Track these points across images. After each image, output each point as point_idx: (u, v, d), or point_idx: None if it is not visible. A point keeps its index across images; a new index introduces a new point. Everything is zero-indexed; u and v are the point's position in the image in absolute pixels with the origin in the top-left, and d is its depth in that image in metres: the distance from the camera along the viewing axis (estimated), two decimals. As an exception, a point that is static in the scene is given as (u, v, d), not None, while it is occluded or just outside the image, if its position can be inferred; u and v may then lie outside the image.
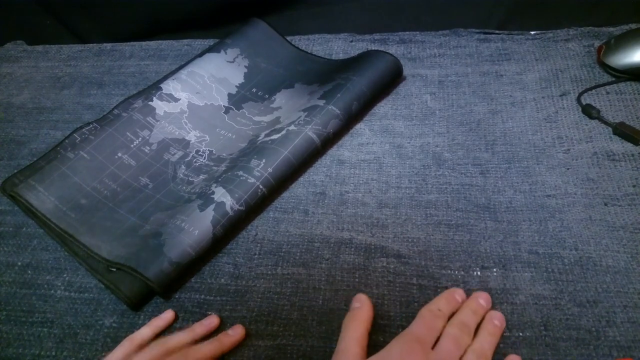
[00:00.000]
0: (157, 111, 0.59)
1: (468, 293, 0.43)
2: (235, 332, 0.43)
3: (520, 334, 0.41)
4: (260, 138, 0.56)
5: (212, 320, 0.44)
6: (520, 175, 0.52)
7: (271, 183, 0.51)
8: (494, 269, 0.45)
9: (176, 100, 0.61)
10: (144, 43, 0.77)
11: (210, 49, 0.67)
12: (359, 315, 0.42)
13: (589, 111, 0.56)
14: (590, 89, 0.59)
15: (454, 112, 0.59)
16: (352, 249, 0.48)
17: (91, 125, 0.58)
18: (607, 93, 0.58)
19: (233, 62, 0.66)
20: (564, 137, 0.55)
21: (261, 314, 0.44)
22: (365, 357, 0.39)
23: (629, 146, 0.53)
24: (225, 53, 0.66)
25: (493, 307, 0.42)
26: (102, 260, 0.47)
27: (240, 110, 0.62)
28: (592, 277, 0.43)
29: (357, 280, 0.46)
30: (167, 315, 0.45)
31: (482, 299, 0.42)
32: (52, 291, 0.48)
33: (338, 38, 0.72)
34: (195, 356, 0.41)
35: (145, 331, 0.43)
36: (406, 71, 0.64)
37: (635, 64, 0.57)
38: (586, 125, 0.55)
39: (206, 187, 0.51)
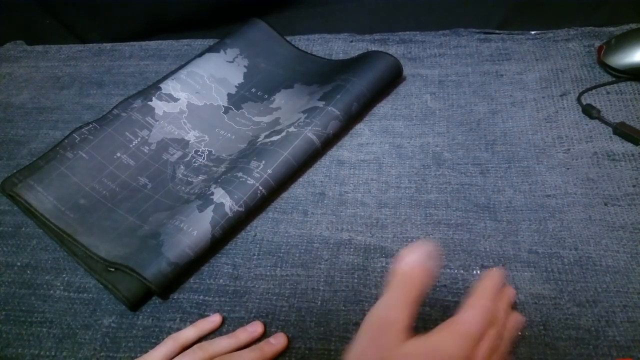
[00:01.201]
0: (156, 111, 0.59)
1: (468, 291, 0.43)
2: (278, 341, 0.42)
3: (520, 333, 0.40)
4: (259, 139, 0.56)
5: (256, 328, 0.43)
6: (520, 175, 0.52)
7: (271, 185, 0.51)
8: (494, 269, 0.45)
9: (175, 100, 0.61)
10: (143, 43, 0.77)
11: (209, 49, 0.67)
12: (415, 274, 0.31)
13: (589, 111, 0.56)
14: (591, 89, 0.58)
15: (454, 112, 0.59)
16: (352, 250, 0.48)
17: (91, 126, 0.58)
18: (608, 93, 0.58)
19: (232, 62, 0.66)
20: (564, 137, 0.55)
21: (259, 315, 0.44)
22: (410, 333, 0.30)
23: (629, 146, 0.52)
24: (225, 53, 0.66)
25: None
26: (100, 260, 0.47)
27: (240, 111, 0.62)
28: (591, 277, 0.43)
29: (356, 280, 0.45)
30: (215, 319, 0.44)
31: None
32: (51, 291, 0.48)
33: (338, 38, 0.72)
34: None
35: (190, 332, 0.43)
36: (406, 71, 0.64)
37: (635, 64, 0.57)
38: (586, 125, 0.55)
39: (205, 188, 0.51)
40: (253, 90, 0.64)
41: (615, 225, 0.46)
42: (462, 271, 0.45)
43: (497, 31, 0.69)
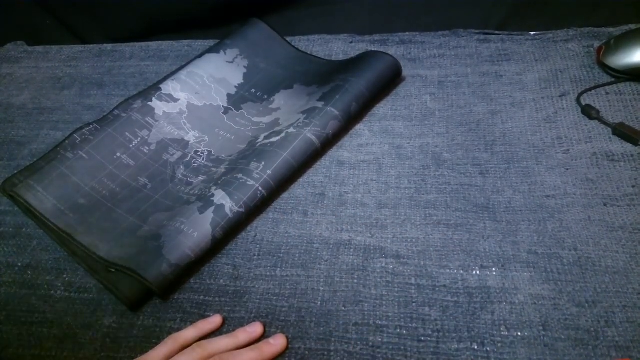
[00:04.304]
0: (156, 111, 0.59)
1: (468, 291, 0.43)
2: (277, 342, 0.42)
3: (519, 333, 0.41)
4: (259, 140, 0.56)
5: (255, 329, 0.43)
6: (520, 175, 0.52)
7: (271, 185, 0.51)
8: (493, 269, 0.45)
9: (175, 100, 0.61)
10: (144, 44, 0.78)
11: (209, 50, 0.67)
12: None
13: (588, 112, 0.56)
14: (590, 89, 0.58)
15: (454, 112, 0.59)
16: (351, 250, 0.48)
17: (91, 126, 0.58)
18: (607, 93, 0.58)
19: (232, 62, 0.66)
20: (564, 137, 0.55)
21: (260, 316, 0.44)
22: None
23: (628, 147, 0.53)
24: (225, 53, 0.66)
25: (493, 307, 0.42)
26: (100, 260, 0.47)
27: (239, 111, 0.62)
28: (591, 278, 0.43)
29: (355, 281, 0.46)
30: (215, 319, 0.44)
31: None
32: (52, 292, 0.48)
33: (338, 39, 0.72)
34: None
35: (190, 332, 0.43)
36: (406, 72, 0.64)
37: (634, 65, 0.57)
38: (586, 125, 0.55)
39: (205, 189, 0.51)
40: (253, 90, 0.64)
41: (614, 225, 0.47)
42: (461, 271, 0.45)
43: (496, 32, 0.69)
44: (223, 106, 0.62)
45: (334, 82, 0.59)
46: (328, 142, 0.56)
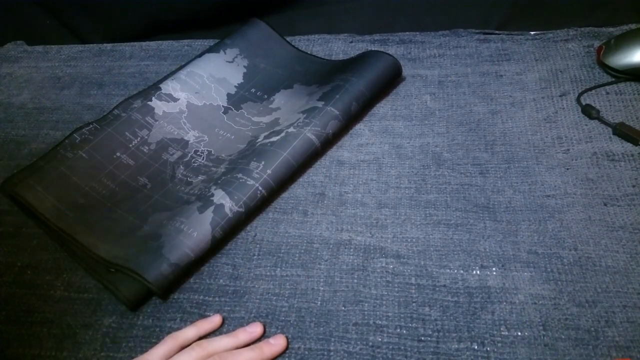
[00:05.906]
0: (155, 111, 0.59)
1: (467, 291, 0.43)
2: (277, 342, 0.42)
3: (519, 333, 0.41)
4: (259, 140, 0.56)
5: (255, 329, 0.43)
6: (520, 175, 0.52)
7: (270, 185, 0.51)
8: (493, 269, 0.45)
9: (175, 100, 0.61)
10: (144, 43, 0.78)
11: (209, 49, 0.67)
12: None
13: (588, 111, 0.56)
14: (590, 89, 0.58)
15: (454, 112, 0.59)
16: (351, 250, 0.48)
17: (91, 126, 0.58)
18: (607, 93, 0.58)
19: (232, 62, 0.66)
20: (564, 137, 0.55)
21: (259, 316, 0.44)
22: None
23: (628, 146, 0.53)
24: (225, 53, 0.66)
25: (493, 307, 0.42)
26: (100, 260, 0.47)
27: (239, 111, 0.62)
28: (591, 277, 0.43)
29: (355, 281, 0.46)
30: (215, 319, 0.44)
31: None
32: (52, 291, 0.48)
33: (338, 39, 0.72)
34: None
35: (190, 331, 0.43)
36: (406, 71, 0.64)
37: (635, 64, 0.57)
38: (586, 125, 0.55)
39: (205, 189, 0.51)
40: (252, 90, 0.64)
41: (614, 225, 0.47)
42: (461, 271, 0.45)
43: (496, 32, 0.69)
44: (223, 106, 0.62)
45: (334, 81, 0.59)
46: (328, 142, 0.56)
